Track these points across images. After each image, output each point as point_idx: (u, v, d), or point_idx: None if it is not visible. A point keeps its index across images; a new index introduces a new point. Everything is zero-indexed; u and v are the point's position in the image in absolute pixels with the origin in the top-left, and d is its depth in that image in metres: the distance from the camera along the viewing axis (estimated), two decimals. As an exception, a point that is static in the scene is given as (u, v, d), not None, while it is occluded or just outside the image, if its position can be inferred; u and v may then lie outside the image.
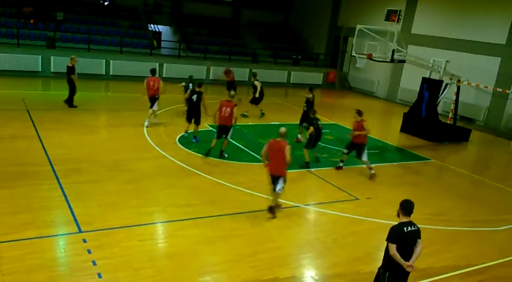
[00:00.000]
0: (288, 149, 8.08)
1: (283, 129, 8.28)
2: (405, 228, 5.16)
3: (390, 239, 5.15)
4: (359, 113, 11.22)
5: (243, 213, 8.55)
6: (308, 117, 12.78)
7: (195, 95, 12.55)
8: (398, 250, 5.08)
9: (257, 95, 16.67)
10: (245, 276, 6.47)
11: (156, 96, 13.67)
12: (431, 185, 11.61)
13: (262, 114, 16.99)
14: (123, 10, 26.08)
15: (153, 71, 13.94)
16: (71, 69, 15.16)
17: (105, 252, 6.61)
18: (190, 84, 14.35)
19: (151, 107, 13.76)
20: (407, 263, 5.07)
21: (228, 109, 11.26)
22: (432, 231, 8.64)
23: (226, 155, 11.71)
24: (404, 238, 5.14)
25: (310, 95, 14.14)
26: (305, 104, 14.18)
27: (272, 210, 8.45)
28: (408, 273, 5.22)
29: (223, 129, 11.51)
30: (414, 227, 5.23)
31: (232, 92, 11.85)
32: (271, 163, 8.31)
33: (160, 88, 13.63)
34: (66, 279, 5.94)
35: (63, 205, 7.98)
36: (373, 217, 9.01)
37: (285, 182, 8.37)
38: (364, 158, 11.28)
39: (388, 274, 5.24)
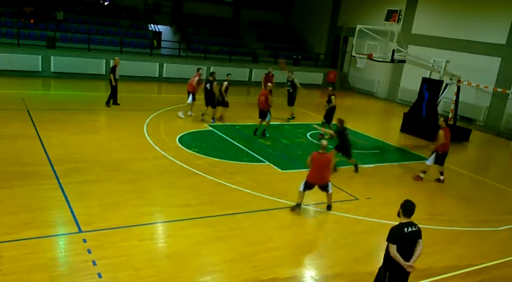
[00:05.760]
0: (333, 161, 8.87)
1: (324, 142, 8.70)
2: (405, 229, 5.15)
3: (390, 239, 5.14)
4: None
5: (243, 213, 8.55)
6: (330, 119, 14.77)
7: (209, 84, 15.00)
8: (398, 250, 5.08)
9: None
10: (245, 276, 6.47)
11: (190, 91, 15.52)
12: (431, 185, 11.61)
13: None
14: (123, 10, 26.09)
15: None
16: (112, 70, 15.70)
17: (105, 252, 6.61)
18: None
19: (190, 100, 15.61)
20: (407, 263, 5.07)
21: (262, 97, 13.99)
22: (432, 231, 8.64)
23: (267, 135, 14.23)
24: (404, 239, 5.13)
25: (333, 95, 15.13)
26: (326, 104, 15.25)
27: (330, 207, 9.16)
28: (409, 273, 5.22)
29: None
30: (415, 227, 5.22)
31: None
32: (316, 173, 8.73)
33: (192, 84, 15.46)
34: (66, 279, 5.94)
35: (63, 205, 7.98)
36: (373, 217, 9.01)
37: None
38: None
39: (388, 274, 5.24)
